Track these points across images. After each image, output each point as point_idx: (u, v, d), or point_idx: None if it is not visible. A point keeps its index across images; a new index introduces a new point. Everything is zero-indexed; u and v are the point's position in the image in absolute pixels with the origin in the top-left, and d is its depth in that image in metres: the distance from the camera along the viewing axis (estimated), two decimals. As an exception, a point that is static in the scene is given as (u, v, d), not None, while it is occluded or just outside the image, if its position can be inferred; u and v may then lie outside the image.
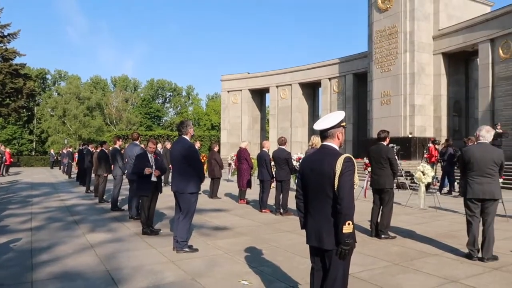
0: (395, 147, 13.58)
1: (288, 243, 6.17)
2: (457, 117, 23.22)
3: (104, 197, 11.06)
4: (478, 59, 20.82)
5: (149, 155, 7.04)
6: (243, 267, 4.91)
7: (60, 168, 28.73)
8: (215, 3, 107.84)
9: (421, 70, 22.10)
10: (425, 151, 15.70)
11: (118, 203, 9.65)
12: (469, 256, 5.25)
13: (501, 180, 7.80)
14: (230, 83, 35.48)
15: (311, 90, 32.67)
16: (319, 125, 2.93)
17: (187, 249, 5.53)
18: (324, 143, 2.93)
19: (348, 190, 2.69)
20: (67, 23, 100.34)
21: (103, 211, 9.57)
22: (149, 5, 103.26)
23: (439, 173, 14.09)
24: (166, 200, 9.38)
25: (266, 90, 34.62)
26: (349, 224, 2.63)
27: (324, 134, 2.92)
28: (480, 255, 5.17)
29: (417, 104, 21.93)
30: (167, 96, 73.97)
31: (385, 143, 6.72)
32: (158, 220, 7.98)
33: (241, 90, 34.87)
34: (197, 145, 13.40)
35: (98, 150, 11.90)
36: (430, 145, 15.36)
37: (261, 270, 4.77)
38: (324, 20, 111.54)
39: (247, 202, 10.96)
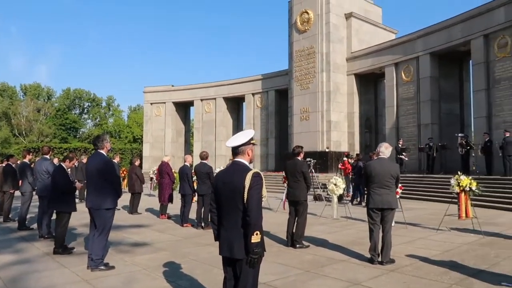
0: (312, 161, 14.39)
1: (207, 256, 6.28)
2: (368, 133, 25.25)
3: (10, 216, 10.19)
4: (385, 81, 22.95)
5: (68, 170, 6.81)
6: (161, 283, 4.92)
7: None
8: (136, 12, 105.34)
9: (336, 89, 23.75)
10: (339, 164, 16.83)
11: (27, 222, 8.98)
12: (370, 261, 5.80)
13: (400, 190, 8.74)
14: (153, 95, 34.76)
15: (235, 104, 33.25)
16: (230, 143, 3.16)
17: (102, 267, 5.38)
18: (236, 159, 3.17)
19: (256, 202, 2.93)
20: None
21: (9, 230, 8.84)
22: (65, 10, 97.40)
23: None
24: (80, 217, 8.94)
25: (190, 103, 34.48)
26: (257, 234, 2.87)
27: (235, 151, 3.15)
28: (380, 259, 5.75)
29: (333, 121, 23.46)
30: (85, 106, 69.91)
31: (299, 157, 7.18)
32: (71, 238, 7.60)
33: (164, 103, 34.32)
34: (117, 159, 12.99)
35: (3, 165, 10.96)
36: (344, 159, 16.56)
37: (179, 284, 4.83)
38: (248, 36, 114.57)
39: (169, 217, 10.85)
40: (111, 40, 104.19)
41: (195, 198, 9.54)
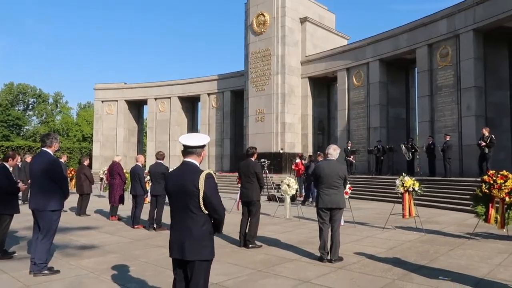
0: (266, 162, 14.58)
1: (159, 258, 6.18)
2: (321, 135, 25.95)
3: None
4: (337, 85, 23.71)
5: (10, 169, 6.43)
6: (109, 286, 4.79)
7: None
8: (87, 11, 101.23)
9: (291, 91, 24.21)
10: (293, 165, 17.15)
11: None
12: (320, 259, 5.99)
13: (349, 191, 9.07)
14: (104, 92, 33.59)
15: (190, 104, 32.91)
16: (188, 141, 3.08)
17: (46, 272, 5.14)
18: (187, 159, 3.12)
19: (217, 201, 3.00)
20: None
21: None
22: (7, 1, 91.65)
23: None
24: (23, 219, 8.47)
25: (144, 102, 33.68)
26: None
27: (190, 150, 3.10)
28: (329, 257, 5.95)
29: (287, 122, 23.88)
30: (30, 102, 66.12)
31: (253, 158, 7.26)
32: (13, 242, 7.18)
33: (117, 101, 33.27)
34: (63, 158, 12.45)
35: None
36: (298, 160, 16.90)
37: (128, 287, 4.73)
38: (204, 35, 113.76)
39: (119, 219, 10.54)
40: (59, 34, 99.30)
41: (148, 199, 9.35)
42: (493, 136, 13.51)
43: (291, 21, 24.13)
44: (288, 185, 10.46)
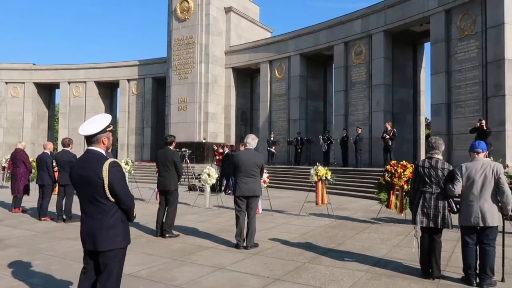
0: (187, 151, 14.42)
1: (67, 250, 5.84)
2: (244, 126, 26.26)
3: None
4: (260, 77, 24.12)
5: None
6: (9, 282, 4.42)
7: None
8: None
9: (215, 81, 24.09)
10: (216, 156, 17.16)
11: None
12: (236, 246, 6.11)
13: (267, 180, 9.34)
14: (9, 73, 30.35)
15: (108, 90, 31.17)
16: (84, 130, 2.92)
17: None
18: (90, 147, 2.96)
19: (124, 191, 2.90)
20: None
21: None
22: None
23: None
24: None
25: (56, 86, 31.09)
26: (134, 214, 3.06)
27: (90, 139, 2.94)
28: (245, 244, 6.10)
29: (210, 112, 23.76)
30: None
31: (171, 147, 7.14)
32: None
33: (23, 83, 30.28)
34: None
35: None
36: (221, 149, 16.94)
37: (31, 282, 4.41)
38: (125, 20, 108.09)
39: (23, 211, 9.71)
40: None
41: (56, 189, 8.73)
42: (395, 130, 14.80)
43: (215, 10, 23.92)
44: (208, 175, 10.46)
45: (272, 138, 19.98)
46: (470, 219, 4.39)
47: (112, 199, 2.86)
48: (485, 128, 11.78)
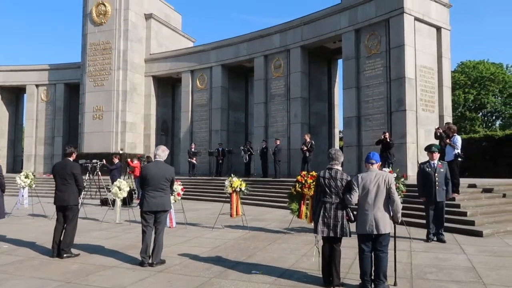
0: (98, 163, 13.56)
1: None
2: (165, 136, 25.52)
3: None
4: (181, 86, 23.70)
5: None
6: None
7: None
8: None
9: (134, 89, 23.16)
10: (128, 168, 16.35)
11: None
12: (141, 263, 5.77)
13: (181, 192, 9.06)
14: None
15: (13, 95, 28.44)
16: None
17: None
18: None
19: None
20: None
21: None
22: None
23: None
24: None
25: None
26: None
27: None
28: (150, 261, 5.78)
29: (128, 121, 22.74)
30: None
31: (71, 158, 6.59)
32: None
33: None
34: None
35: None
36: (136, 161, 16.20)
37: None
38: (33, 20, 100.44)
39: None
40: None
41: None
42: (313, 142, 15.41)
43: (135, 15, 23.10)
44: (119, 188, 9.87)
45: (193, 149, 19.65)
46: (365, 227, 4.59)
47: None
48: (388, 140, 12.72)
